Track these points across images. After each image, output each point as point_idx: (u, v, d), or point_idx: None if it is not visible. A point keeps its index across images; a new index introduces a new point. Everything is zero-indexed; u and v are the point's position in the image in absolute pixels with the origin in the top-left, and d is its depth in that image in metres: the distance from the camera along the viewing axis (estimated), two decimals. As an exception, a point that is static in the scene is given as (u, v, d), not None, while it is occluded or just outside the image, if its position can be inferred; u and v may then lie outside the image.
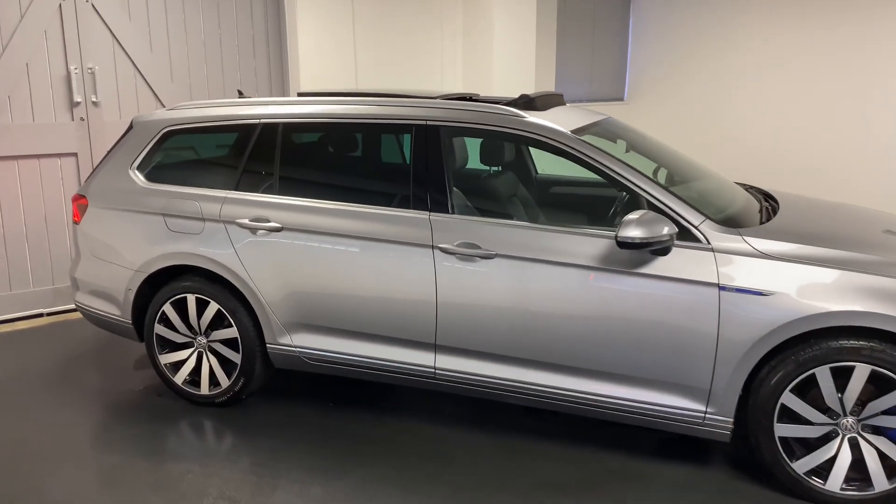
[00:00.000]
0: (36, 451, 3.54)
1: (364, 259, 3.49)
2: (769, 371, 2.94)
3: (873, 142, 6.35)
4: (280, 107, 3.80)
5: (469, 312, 3.34)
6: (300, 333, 3.70)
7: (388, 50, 6.64)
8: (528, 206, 4.07)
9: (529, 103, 3.56)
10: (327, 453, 3.47)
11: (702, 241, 3.03)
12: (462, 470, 3.32)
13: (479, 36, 6.83)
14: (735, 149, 7.18)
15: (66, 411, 3.95)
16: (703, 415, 3.08)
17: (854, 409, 2.89)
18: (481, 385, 3.41)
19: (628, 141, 3.83)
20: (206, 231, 3.76)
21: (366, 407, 3.94)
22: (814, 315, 2.83)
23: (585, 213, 4.14)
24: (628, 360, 3.14)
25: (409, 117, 3.52)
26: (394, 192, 3.62)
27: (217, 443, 3.66)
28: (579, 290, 3.16)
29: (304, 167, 3.88)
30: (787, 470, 3.00)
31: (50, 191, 5.36)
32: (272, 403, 3.99)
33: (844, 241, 3.16)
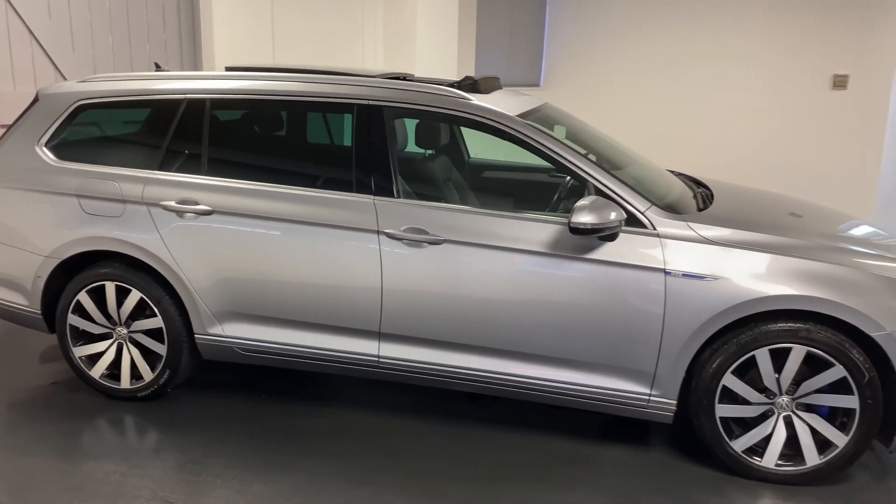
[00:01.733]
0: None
1: (304, 244, 3.34)
2: (712, 354, 3.03)
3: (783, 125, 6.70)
4: (208, 82, 3.57)
5: (416, 299, 3.26)
6: (232, 323, 3.50)
7: (308, 27, 6.39)
8: (463, 190, 4.02)
9: (474, 86, 3.49)
10: (268, 448, 3.31)
11: (648, 227, 3.07)
12: (410, 460, 3.25)
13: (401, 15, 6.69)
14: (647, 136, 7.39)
15: (-34, 411, 3.60)
16: (647, 397, 3.14)
17: (789, 388, 3.02)
18: (427, 373, 3.34)
19: (567, 127, 3.84)
20: (126, 214, 3.49)
21: (301, 398, 3.79)
22: (755, 299, 2.93)
23: (524, 199, 4.13)
24: (576, 344, 3.16)
25: (352, 96, 3.38)
26: (334, 175, 3.48)
27: (142, 440, 3.44)
28: (529, 276, 3.14)
29: (236, 147, 3.66)
30: (726, 449, 3.10)
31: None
32: (200, 397, 3.78)
33: (773, 225, 3.29)
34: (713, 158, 6.99)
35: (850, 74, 6.24)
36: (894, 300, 2.89)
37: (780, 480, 3.08)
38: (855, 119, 6.28)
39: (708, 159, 7.02)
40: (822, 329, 2.92)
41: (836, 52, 6.28)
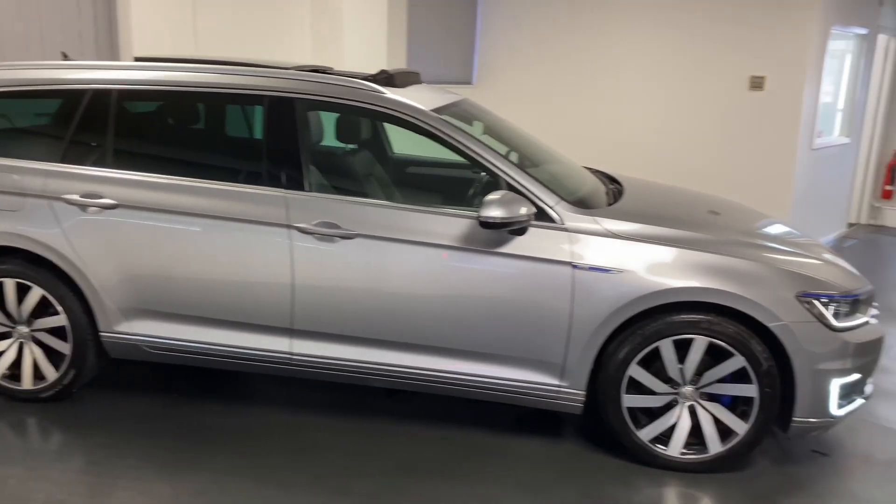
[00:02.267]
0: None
1: (213, 239, 3.27)
2: (618, 345, 3.09)
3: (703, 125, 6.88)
4: (115, 72, 3.46)
5: (328, 294, 3.22)
6: (140, 320, 3.40)
7: (232, 19, 6.26)
8: (385, 185, 4.00)
9: (388, 79, 3.47)
10: (174, 448, 3.23)
11: (556, 222, 3.11)
12: (323, 457, 3.21)
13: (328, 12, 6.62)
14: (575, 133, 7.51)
15: None
16: (557, 388, 3.18)
17: (693, 378, 3.10)
18: (341, 369, 3.32)
19: (484, 123, 3.86)
20: (26, 208, 3.35)
21: (214, 397, 3.71)
22: (658, 291, 3.00)
23: (443, 194, 4.12)
24: (487, 337, 3.17)
25: (263, 88, 3.32)
26: (245, 168, 3.41)
27: (44, 442, 3.32)
28: (441, 270, 3.15)
29: (143, 139, 3.56)
30: (633, 438, 3.17)
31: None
32: (108, 396, 3.66)
33: (682, 221, 3.38)
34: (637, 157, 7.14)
35: (766, 76, 6.44)
36: (790, 292, 2.99)
37: (685, 468, 3.16)
38: (772, 119, 6.48)
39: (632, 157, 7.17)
40: (724, 320, 3.01)
41: (753, 54, 6.47)
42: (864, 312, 3.19)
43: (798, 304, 2.98)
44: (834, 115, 7.54)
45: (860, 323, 3.13)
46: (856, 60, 7.56)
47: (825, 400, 3.05)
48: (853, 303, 3.13)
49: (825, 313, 3.01)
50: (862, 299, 3.18)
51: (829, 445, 3.45)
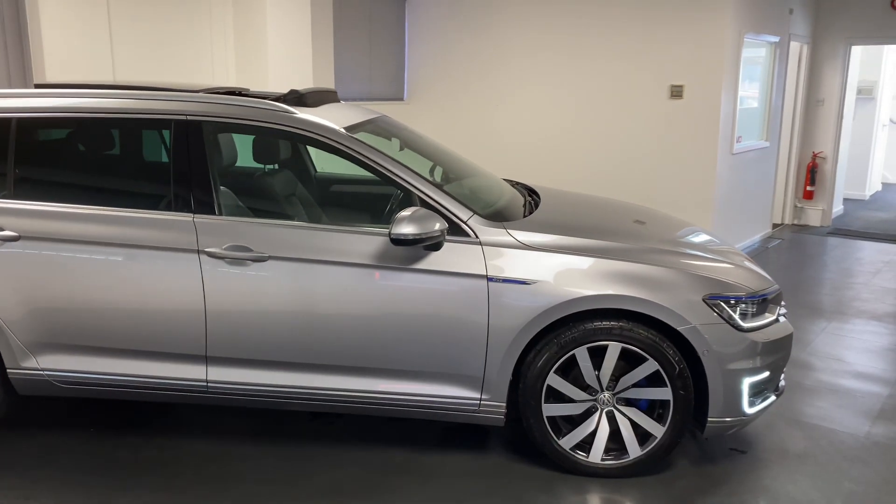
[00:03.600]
0: None
1: (121, 268, 3.19)
2: (535, 355, 3.12)
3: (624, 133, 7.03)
4: (13, 100, 3.35)
5: (242, 319, 3.17)
6: (48, 354, 3.29)
7: (151, 45, 6.15)
8: (307, 205, 3.96)
9: (299, 99, 3.46)
10: (87, 484, 3.12)
11: (470, 236, 3.13)
12: (244, 486, 3.15)
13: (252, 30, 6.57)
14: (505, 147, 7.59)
15: None
16: (478, 402, 3.19)
17: (609, 384, 3.14)
18: (260, 395, 3.26)
19: (402, 139, 3.87)
20: (-77, 243, 3.22)
21: (133, 430, 3.61)
22: (571, 300, 3.03)
23: (364, 212, 4.12)
24: (406, 354, 3.16)
25: (168, 112, 3.26)
26: (154, 194, 3.34)
27: (-52, 488, 3.16)
28: (356, 290, 3.13)
29: (46, 168, 3.45)
30: (555, 447, 3.19)
31: None
32: (19, 435, 3.52)
33: (599, 231, 3.44)
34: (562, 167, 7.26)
35: (685, 84, 6.63)
36: (697, 295, 3.06)
37: (606, 474, 3.20)
38: (692, 126, 6.67)
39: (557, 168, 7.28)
40: (636, 326, 3.06)
41: (671, 64, 6.66)
42: (772, 312, 3.28)
43: (706, 307, 3.05)
44: (754, 119, 7.79)
45: (768, 322, 3.22)
46: (770, 67, 7.84)
47: (738, 399, 3.13)
48: (761, 303, 3.22)
49: (733, 314, 3.09)
50: (770, 299, 3.28)
51: (747, 442, 3.53)
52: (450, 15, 7.93)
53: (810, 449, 3.52)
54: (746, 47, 6.93)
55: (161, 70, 6.22)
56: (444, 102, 8.08)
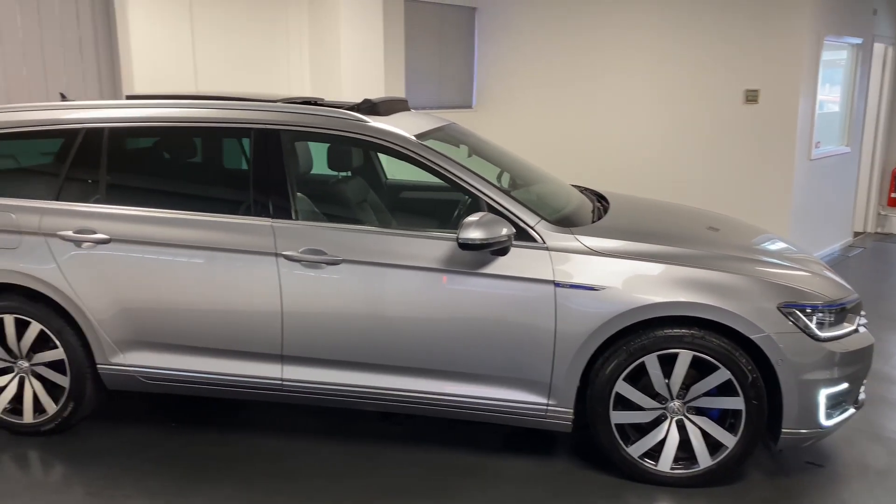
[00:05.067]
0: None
1: (203, 270, 3.34)
2: (604, 362, 3.11)
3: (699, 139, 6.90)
4: (105, 111, 3.56)
5: (316, 320, 3.28)
6: (135, 352, 3.47)
7: (232, 54, 6.41)
8: (378, 211, 4.06)
9: (372, 108, 3.55)
10: (170, 476, 3.28)
11: (538, 241, 3.15)
12: (312, 482, 3.24)
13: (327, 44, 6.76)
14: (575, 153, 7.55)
15: None
16: (545, 407, 3.20)
17: (680, 392, 3.11)
18: (331, 394, 3.36)
19: (470, 146, 3.92)
20: (23, 245, 3.45)
21: (210, 425, 3.76)
22: (641, 307, 3.01)
23: (432, 217, 4.18)
24: (473, 358, 3.20)
25: (248, 121, 3.41)
26: (234, 199, 3.49)
27: (45, 475, 3.37)
28: (426, 293, 3.19)
29: (134, 174, 3.65)
30: (622, 454, 3.17)
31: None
32: (107, 428, 3.72)
33: (670, 237, 3.40)
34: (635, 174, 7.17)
35: (760, 89, 6.47)
36: (772, 303, 3.00)
37: (675, 483, 3.15)
38: (768, 131, 6.50)
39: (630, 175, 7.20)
40: (708, 334, 3.02)
41: (747, 68, 6.51)
42: (851, 322, 3.18)
43: (781, 316, 2.99)
44: (834, 124, 7.53)
45: (847, 332, 3.13)
46: (853, 69, 7.56)
47: (814, 410, 3.04)
48: (839, 312, 3.12)
49: (809, 323, 3.01)
50: (848, 308, 3.18)
51: (824, 456, 3.42)
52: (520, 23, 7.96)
53: (893, 465, 3.38)
54: (826, 49, 6.71)
55: (240, 81, 6.47)
56: (513, 109, 8.10)
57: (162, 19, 5.89)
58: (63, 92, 4.12)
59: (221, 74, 6.35)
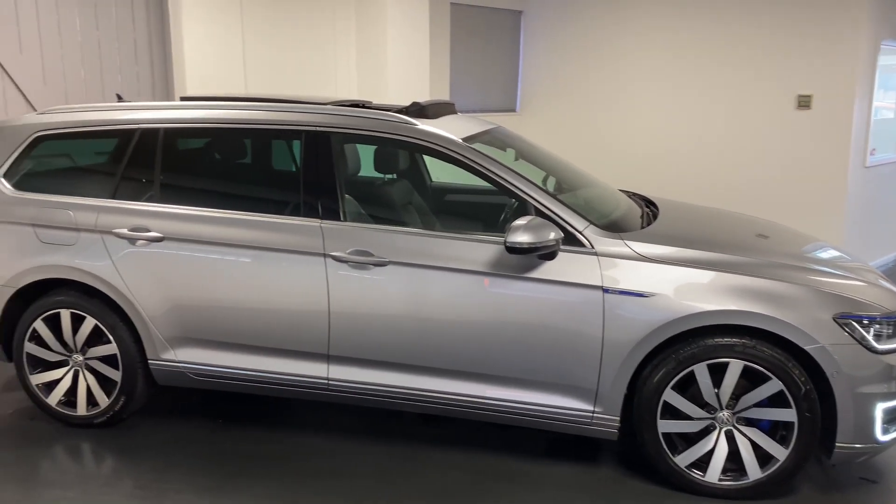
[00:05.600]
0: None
1: (252, 269, 3.39)
2: (652, 370, 3.06)
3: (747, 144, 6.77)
4: (160, 112, 3.65)
5: (363, 321, 3.30)
6: (185, 348, 3.54)
7: (280, 57, 6.51)
8: (423, 213, 4.08)
9: (420, 111, 3.57)
10: (217, 472, 3.33)
11: (586, 246, 3.12)
12: (357, 482, 3.26)
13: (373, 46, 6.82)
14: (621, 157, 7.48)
15: (-78, 441, 3.63)
16: (591, 414, 3.16)
17: (729, 402, 3.04)
18: (376, 394, 3.37)
19: (517, 150, 3.91)
20: (80, 242, 3.55)
21: (256, 422, 3.81)
22: (691, 315, 2.97)
23: (478, 220, 4.18)
24: (519, 362, 3.19)
25: (299, 123, 3.45)
26: (283, 200, 3.54)
27: (96, 466, 3.46)
28: (471, 296, 3.19)
29: (187, 174, 3.73)
30: (669, 464, 3.12)
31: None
32: (156, 422, 3.80)
33: (720, 244, 3.34)
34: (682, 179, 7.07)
35: (813, 94, 6.32)
36: (827, 314, 2.92)
37: (724, 495, 3.09)
38: (821, 138, 6.34)
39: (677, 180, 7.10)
40: (759, 343, 2.96)
41: (799, 72, 6.37)
42: (911, 334, 3.08)
43: (836, 326, 2.91)
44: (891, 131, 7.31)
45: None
46: (911, 75, 7.33)
47: (870, 425, 2.95)
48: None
49: (866, 335, 2.93)
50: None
51: (879, 472, 3.32)
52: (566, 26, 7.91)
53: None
54: (883, 54, 6.53)
55: (288, 83, 6.57)
56: (558, 113, 8.06)
57: (213, 22, 6.00)
58: (119, 93, 4.22)
59: (270, 77, 6.45)
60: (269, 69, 6.43)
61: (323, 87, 6.84)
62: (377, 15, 6.77)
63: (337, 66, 6.93)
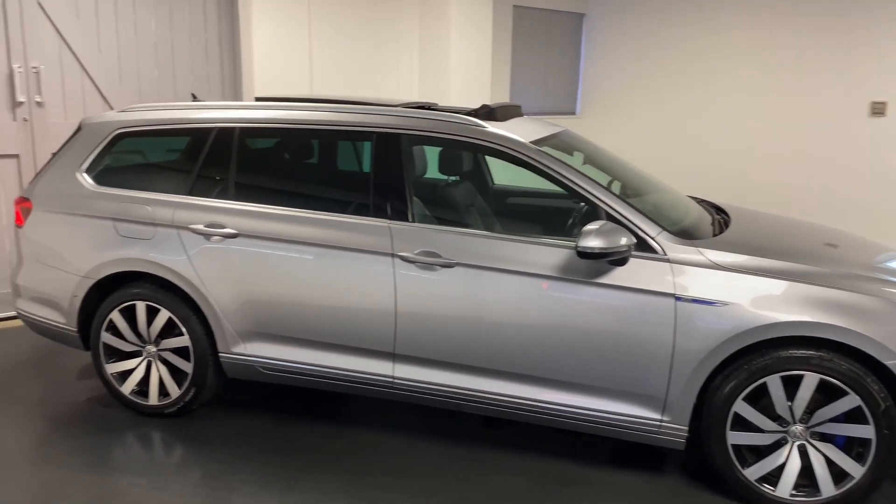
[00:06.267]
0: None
1: (321, 267, 3.45)
2: (723, 380, 3.01)
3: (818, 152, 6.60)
4: (237, 111, 3.74)
5: (429, 321, 3.32)
6: (255, 342, 3.62)
7: (345, 59, 6.61)
8: (485, 215, 4.09)
9: (490, 113, 3.58)
10: (282, 465, 3.40)
11: (658, 252, 3.09)
12: (420, 481, 3.29)
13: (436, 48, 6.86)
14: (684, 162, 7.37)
15: (5, 424, 3.78)
16: (658, 423, 3.13)
17: (803, 416, 2.97)
18: (440, 394, 3.39)
19: (585, 153, 3.89)
20: (157, 237, 3.66)
21: (321, 417, 3.88)
22: (765, 325, 2.91)
23: (543, 224, 4.17)
24: (586, 369, 3.17)
25: (371, 125, 3.50)
26: (353, 200, 3.59)
27: (166, 455, 3.55)
28: (539, 300, 3.18)
29: (261, 173, 3.81)
30: (738, 477, 3.06)
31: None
32: (224, 414, 3.90)
33: (793, 253, 3.26)
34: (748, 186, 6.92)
35: (888, 101, 6.12)
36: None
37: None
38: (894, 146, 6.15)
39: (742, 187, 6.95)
40: (836, 357, 2.88)
41: (873, 79, 6.18)
42: None
43: (920, 342, 2.81)
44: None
45: None
46: None
47: (952, 445, 2.85)
48: None
49: (951, 352, 2.82)
50: None
51: (960, 495, 3.20)
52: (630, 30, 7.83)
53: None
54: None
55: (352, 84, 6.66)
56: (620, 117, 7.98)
57: (282, 24, 6.13)
58: (194, 93, 4.34)
59: (334, 77, 6.55)
60: (333, 69, 6.53)
61: (384, 88, 6.92)
62: (441, 17, 6.82)
63: (399, 67, 7.00)
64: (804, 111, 6.61)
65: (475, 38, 6.85)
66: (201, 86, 5.94)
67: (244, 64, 6.03)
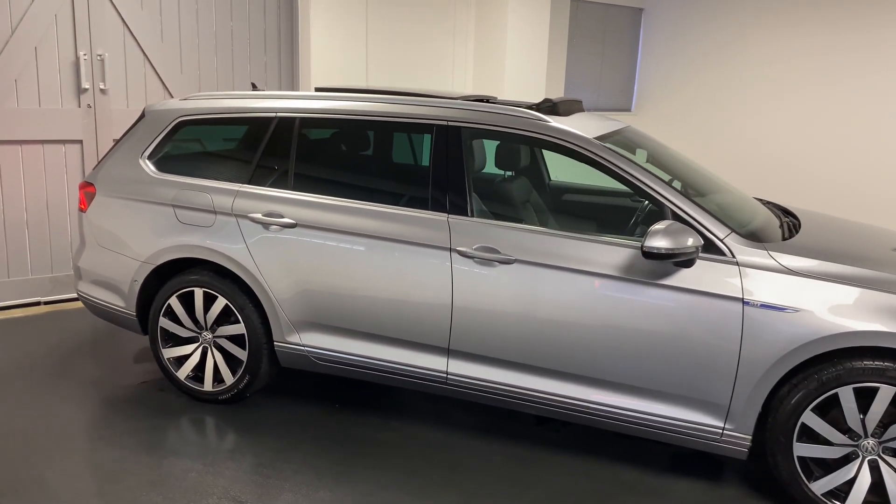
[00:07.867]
0: (34, 444, 3.45)
1: (379, 259, 3.43)
2: (790, 389, 2.90)
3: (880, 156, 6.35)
4: (298, 101, 3.74)
5: (485, 318, 3.28)
6: (309, 332, 3.62)
7: (400, 50, 6.59)
8: (542, 212, 4.02)
9: (552, 108, 3.51)
10: (334, 456, 3.40)
11: (727, 255, 2.99)
12: (472, 478, 3.25)
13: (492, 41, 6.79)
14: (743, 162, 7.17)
15: (65, 403, 3.86)
16: (720, 431, 3.03)
17: (876, 430, 2.85)
18: (493, 392, 3.35)
19: (648, 150, 3.79)
20: (216, 224, 3.68)
21: (372, 410, 3.87)
22: (839, 334, 2.79)
23: (600, 222, 4.09)
24: (646, 372, 3.09)
25: (431, 117, 3.46)
26: (411, 193, 3.56)
27: (219, 441, 3.58)
28: (600, 300, 3.11)
29: (320, 163, 3.81)
30: (804, 490, 2.95)
31: (53, 178, 5.27)
32: (276, 403, 3.92)
33: (865, 258, 3.13)
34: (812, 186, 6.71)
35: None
36: None
37: (864, 528, 2.89)
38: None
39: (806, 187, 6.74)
40: (914, 369, 2.75)
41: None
42: None
43: None
44: None
45: None
46: None
47: None
48: None
49: None
50: None
51: None
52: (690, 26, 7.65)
53: None
54: None
55: (407, 76, 6.64)
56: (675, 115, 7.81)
57: (339, 16, 6.13)
58: (254, 82, 4.36)
59: (390, 68, 6.53)
60: (389, 61, 6.52)
61: (440, 82, 6.89)
62: (498, 9, 6.75)
63: (454, 60, 6.95)
64: (870, 113, 6.36)
65: (532, 32, 6.76)
66: (259, 75, 5.98)
67: (301, 54, 6.05)
